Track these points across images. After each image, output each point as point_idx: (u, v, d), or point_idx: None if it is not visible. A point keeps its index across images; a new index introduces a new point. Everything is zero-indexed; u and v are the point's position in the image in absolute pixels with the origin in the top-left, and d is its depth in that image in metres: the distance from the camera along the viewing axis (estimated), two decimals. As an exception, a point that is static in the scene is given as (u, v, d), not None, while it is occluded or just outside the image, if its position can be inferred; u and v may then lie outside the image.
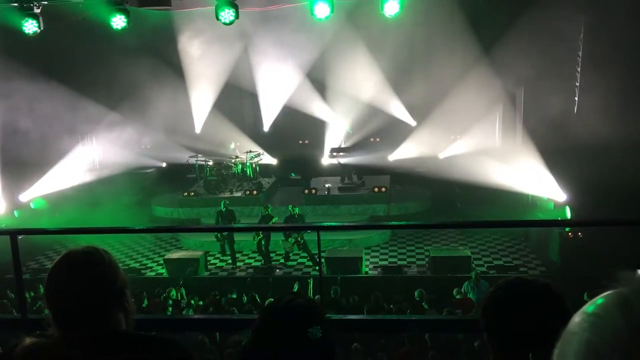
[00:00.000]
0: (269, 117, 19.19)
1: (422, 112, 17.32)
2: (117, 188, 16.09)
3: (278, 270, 13.77)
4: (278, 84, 18.11)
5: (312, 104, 18.33)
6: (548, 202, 14.55)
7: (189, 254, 14.11)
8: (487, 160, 15.00)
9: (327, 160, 18.38)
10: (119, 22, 10.20)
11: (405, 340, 7.85)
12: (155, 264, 14.57)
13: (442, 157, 17.25)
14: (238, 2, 10.20)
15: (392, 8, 10.10)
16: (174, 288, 11.57)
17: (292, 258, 14.21)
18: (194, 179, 17.94)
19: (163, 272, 13.93)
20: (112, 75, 16.05)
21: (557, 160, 13.91)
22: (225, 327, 4.62)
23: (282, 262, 14.16)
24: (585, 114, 13.77)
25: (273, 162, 18.68)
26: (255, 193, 16.51)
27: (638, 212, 11.41)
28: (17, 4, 9.98)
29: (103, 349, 1.84)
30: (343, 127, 18.57)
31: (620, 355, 0.78)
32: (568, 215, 13.81)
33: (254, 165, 17.54)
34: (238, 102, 19.44)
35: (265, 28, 16.33)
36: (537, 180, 14.54)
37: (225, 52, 17.37)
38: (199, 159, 17.62)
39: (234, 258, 14.25)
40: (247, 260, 14.53)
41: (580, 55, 14.60)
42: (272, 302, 1.78)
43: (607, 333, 0.81)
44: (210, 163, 17.45)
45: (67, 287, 1.88)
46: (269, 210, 14.08)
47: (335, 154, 18.13)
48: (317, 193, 16.47)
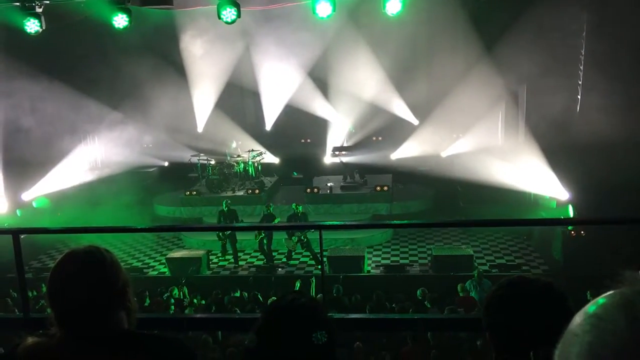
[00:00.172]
0: (271, 116, 19.19)
1: (424, 110, 17.29)
2: (119, 187, 16.11)
3: (280, 269, 13.77)
4: (280, 83, 18.10)
5: (314, 103, 18.32)
6: (551, 200, 14.53)
7: (191, 253, 14.13)
8: (489, 159, 14.98)
9: (329, 159, 18.39)
10: (121, 21, 10.20)
11: (408, 339, 7.84)
12: (158, 263, 14.58)
13: (444, 155, 17.24)
14: (240, 1, 10.18)
15: (394, 6, 10.07)
16: (177, 287, 11.58)
17: (294, 257, 14.22)
18: (196, 178, 17.94)
19: (165, 271, 13.94)
20: (114, 74, 16.05)
21: (559, 159, 13.89)
22: (228, 326, 4.62)
23: (284, 260, 14.17)
24: (588, 113, 13.74)
25: (275, 161, 18.68)
26: (258, 192, 16.51)
27: (641, 210, 11.39)
28: (19, 3, 9.98)
29: (105, 349, 1.84)
30: (345, 126, 18.57)
31: (622, 358, 0.78)
32: (571, 214, 13.78)
33: (256, 164, 17.55)
34: (240, 101, 19.45)
35: (267, 27, 16.32)
36: (539, 179, 14.51)
37: (227, 51, 17.37)
38: (201, 158, 17.63)
39: (236, 257, 14.26)
40: (249, 259, 14.53)
41: (583, 54, 14.57)
42: (274, 301, 1.77)
43: (608, 335, 0.80)
44: (213, 162, 17.46)
45: (69, 286, 1.88)
46: (271, 209, 14.08)
47: (338, 153, 18.15)
48: (319, 192, 16.46)
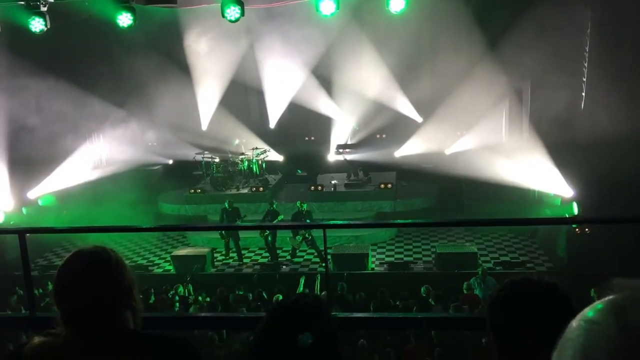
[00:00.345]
0: (275, 113, 19.18)
1: (428, 108, 17.26)
2: (123, 185, 16.16)
3: (285, 267, 13.80)
4: (284, 81, 18.09)
5: (318, 101, 18.31)
6: (555, 197, 14.50)
7: (196, 251, 14.18)
8: (493, 156, 14.96)
9: (333, 157, 18.39)
10: (125, 20, 10.20)
11: (411, 337, 7.86)
12: (163, 261, 14.63)
13: (448, 153, 17.21)
14: (243, -1, 10.17)
15: (397, 4, 10.05)
16: (182, 284, 11.62)
17: (298, 254, 14.25)
18: (201, 176, 17.98)
19: (170, 268, 13.99)
20: (118, 73, 16.11)
21: (563, 156, 13.85)
22: (233, 325, 4.64)
23: (288, 258, 14.19)
24: (592, 110, 13.71)
25: (279, 158, 18.69)
26: (262, 190, 16.54)
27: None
28: (23, 2, 10.00)
29: (111, 348, 1.86)
30: (349, 123, 18.56)
31: None
32: (575, 211, 13.75)
33: (260, 162, 17.57)
34: (244, 99, 19.45)
35: (271, 25, 16.32)
36: (543, 176, 14.48)
37: (231, 48, 17.38)
38: (206, 156, 17.66)
39: (240, 255, 14.29)
40: (253, 257, 14.57)
41: (587, 51, 14.52)
42: (279, 300, 1.79)
43: (600, 340, 0.82)
44: (217, 160, 17.49)
45: (75, 286, 1.89)
46: (274, 207, 14.13)
47: (342, 151, 18.14)
48: (323, 189, 16.47)
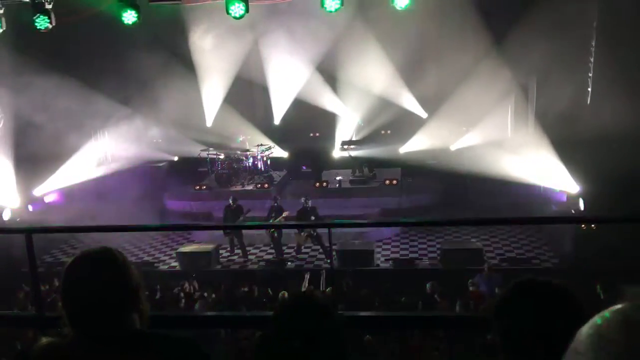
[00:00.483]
0: (280, 110, 19.17)
1: (433, 104, 17.21)
2: (128, 182, 16.20)
3: (290, 263, 13.82)
4: (289, 77, 18.07)
5: (322, 97, 18.28)
6: (561, 193, 14.44)
7: (201, 248, 14.22)
8: (498, 152, 14.92)
9: (338, 153, 18.37)
10: (130, 17, 10.20)
11: (416, 332, 7.86)
12: (168, 257, 14.68)
13: (453, 149, 17.16)
14: (248, -5, 10.15)
15: (402, 0, 10.03)
16: (187, 281, 11.67)
17: (303, 251, 14.26)
18: (206, 173, 18.01)
19: (176, 265, 14.04)
20: (123, 70, 16.09)
21: (569, 152, 13.80)
22: (238, 323, 4.64)
23: (293, 255, 14.20)
24: (598, 105, 13.64)
25: (284, 155, 18.69)
26: (267, 186, 16.55)
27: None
28: (28, 0, 10.03)
29: (118, 349, 1.87)
30: (354, 119, 18.53)
31: None
32: (581, 207, 13.71)
33: (265, 159, 17.58)
34: (249, 95, 19.45)
35: (276, 21, 16.30)
36: (549, 172, 14.43)
37: (236, 45, 17.36)
38: (211, 153, 17.69)
39: (245, 251, 14.31)
40: (258, 253, 14.59)
41: (593, 45, 14.43)
42: (286, 299, 1.79)
43: (608, 352, 0.81)
44: (222, 156, 17.51)
45: (81, 287, 1.90)
46: (277, 202, 14.16)
47: (347, 147, 18.13)
48: (328, 186, 16.48)
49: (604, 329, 0.84)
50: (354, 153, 17.82)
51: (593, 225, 12.42)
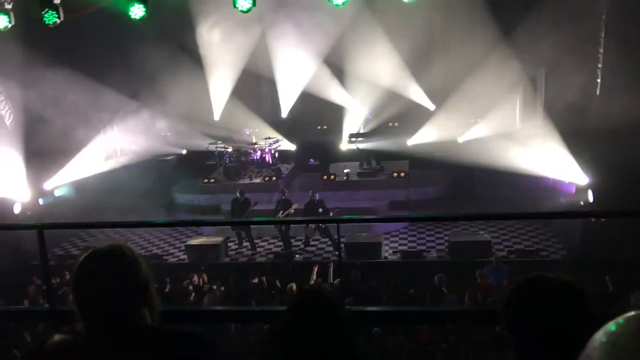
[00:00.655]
0: (287, 103, 19.15)
1: (441, 96, 17.12)
2: (137, 175, 16.28)
3: (298, 256, 13.86)
4: (296, 70, 18.03)
5: (330, 90, 18.23)
6: (570, 185, 14.37)
7: (210, 240, 14.28)
8: (507, 144, 14.84)
9: (345, 146, 18.35)
10: (138, 11, 10.22)
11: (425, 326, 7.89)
12: (177, 250, 14.76)
13: (461, 141, 17.09)
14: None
15: (410, -9, 9.97)
16: (196, 274, 11.73)
17: (311, 243, 14.29)
18: (214, 166, 18.05)
19: (185, 257, 14.11)
20: (131, 64, 16.12)
21: (578, 143, 13.72)
22: (247, 318, 4.68)
23: (301, 247, 14.24)
24: (607, 96, 13.55)
25: (291, 148, 18.69)
26: (274, 179, 16.58)
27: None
28: (37, -5, 10.06)
29: (129, 345, 1.89)
30: (361, 112, 18.48)
31: None
32: (590, 199, 13.64)
33: (273, 152, 17.59)
34: (256, 88, 19.45)
35: (283, 13, 16.27)
36: (558, 164, 14.36)
37: (243, 38, 17.34)
38: (219, 146, 17.72)
39: (253, 244, 14.37)
40: (266, 246, 14.64)
41: (603, 37, 14.31)
42: (295, 297, 1.80)
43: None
44: (230, 150, 17.54)
45: (92, 284, 1.93)
46: (285, 195, 14.18)
47: (354, 140, 18.10)
48: (335, 178, 16.48)
49: (618, 337, 0.83)
50: (362, 146, 17.79)
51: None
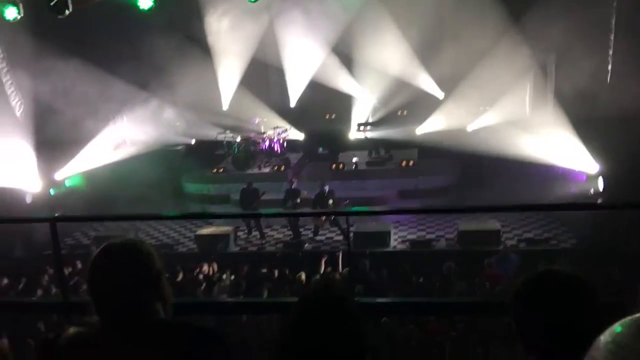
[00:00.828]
0: (296, 92, 19.10)
1: (450, 84, 16.99)
2: (147, 165, 16.35)
3: (307, 245, 13.90)
4: (304, 59, 17.97)
5: (338, 78, 18.15)
6: (580, 173, 14.30)
7: (220, 230, 14.34)
8: (516, 132, 14.76)
9: (354, 135, 18.31)
10: (146, 1, 10.25)
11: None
12: (187, 240, 14.84)
13: (470, 129, 16.99)
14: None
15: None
16: (206, 263, 11.81)
17: (320, 232, 14.33)
18: (223, 155, 18.09)
19: (194, 247, 14.20)
20: (140, 54, 16.14)
21: (589, 130, 13.63)
22: (257, 309, 4.72)
23: (311, 236, 14.28)
24: (618, 83, 13.44)
25: (300, 137, 18.68)
26: (283, 169, 16.60)
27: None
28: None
29: (142, 338, 1.92)
30: (370, 101, 18.41)
31: None
32: (600, 187, 13.58)
33: (281, 141, 17.59)
34: (264, 77, 19.40)
35: (291, 1, 16.20)
36: (568, 151, 14.27)
37: (251, 26, 17.30)
38: (227, 136, 17.75)
39: (262, 233, 14.43)
40: (276, 235, 14.70)
41: (614, 23, 14.16)
42: (305, 293, 1.82)
43: None
44: (238, 139, 17.57)
45: (106, 278, 1.97)
46: (294, 184, 14.20)
47: (363, 128, 18.05)
48: (344, 168, 16.47)
49: (624, 338, 0.83)
50: (370, 134, 17.75)
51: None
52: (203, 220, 15.89)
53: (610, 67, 14.47)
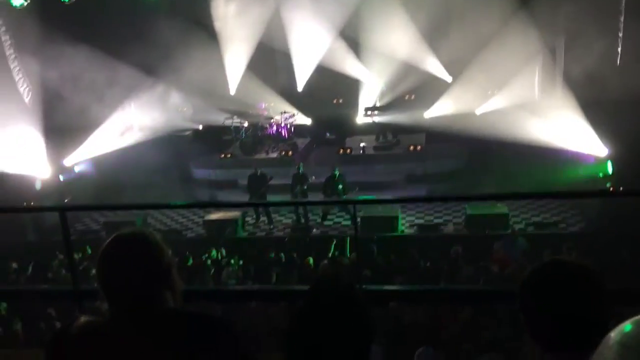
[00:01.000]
0: (303, 76, 19.03)
1: (458, 67, 16.86)
2: (154, 151, 16.38)
3: (315, 230, 13.94)
4: (311, 43, 17.88)
5: (346, 63, 18.06)
6: (589, 156, 14.21)
7: (228, 215, 14.38)
8: (525, 116, 14.66)
9: (362, 119, 18.26)
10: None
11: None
12: (196, 225, 14.91)
13: (478, 113, 16.89)
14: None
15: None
16: (215, 248, 11.88)
17: (328, 217, 14.36)
18: (230, 141, 18.10)
19: (203, 232, 14.26)
20: (147, 40, 16.10)
21: (598, 113, 13.52)
22: (265, 297, 4.75)
23: (319, 222, 14.32)
24: (629, 66, 13.29)
25: (307, 122, 18.65)
26: (291, 154, 16.60)
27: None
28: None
29: (152, 328, 1.94)
30: (377, 85, 18.32)
31: None
32: (609, 171, 13.50)
33: (289, 126, 17.57)
34: (271, 62, 19.32)
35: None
36: (577, 135, 14.18)
37: (258, 10, 17.22)
38: (235, 121, 17.74)
39: (270, 218, 14.48)
40: (284, 221, 14.74)
41: (624, 4, 13.97)
42: (312, 287, 1.83)
43: None
44: (246, 124, 17.56)
45: (115, 268, 1.98)
46: (300, 170, 14.20)
47: (370, 113, 17.98)
48: (352, 152, 16.44)
49: (632, 339, 0.83)
50: (378, 119, 17.69)
51: (622, 188, 12.25)
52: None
53: (620, 49, 14.30)
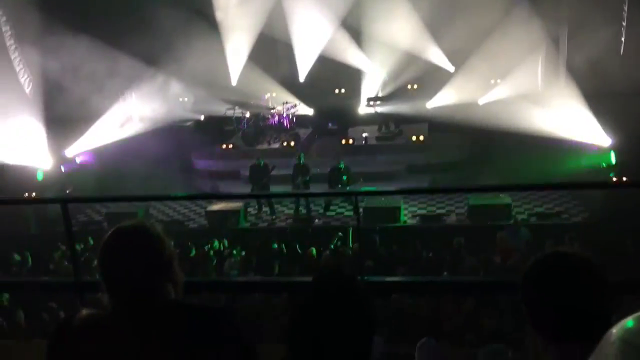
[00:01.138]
0: (305, 66, 18.95)
1: (461, 57, 16.78)
2: (156, 141, 16.36)
3: (317, 220, 13.93)
4: (313, 33, 17.79)
5: (348, 53, 17.97)
6: (592, 147, 14.16)
7: (230, 206, 14.37)
8: (528, 105, 14.61)
9: (364, 110, 18.20)
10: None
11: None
12: (198, 216, 14.91)
13: (481, 103, 16.83)
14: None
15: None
16: (217, 239, 11.88)
17: (331, 208, 14.35)
18: (232, 131, 18.07)
19: (205, 223, 14.27)
20: (148, 30, 16.04)
21: (601, 103, 13.47)
22: (268, 288, 4.75)
23: (321, 212, 14.31)
24: (632, 55, 13.24)
25: (309, 112, 18.59)
26: (293, 144, 16.56)
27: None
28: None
29: (154, 321, 1.93)
30: (380, 75, 18.23)
31: None
32: (612, 161, 13.47)
33: (291, 116, 17.53)
34: (273, 52, 19.23)
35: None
36: (580, 125, 14.13)
37: (259, 1, 17.15)
38: (236, 111, 17.70)
39: (273, 209, 14.47)
40: (286, 211, 14.73)
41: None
42: (316, 281, 1.81)
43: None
44: (247, 115, 17.51)
45: (117, 261, 1.97)
46: (302, 160, 14.16)
47: (372, 103, 17.93)
48: (354, 143, 16.40)
49: (634, 335, 0.83)
50: (380, 109, 17.63)
51: (625, 178, 12.23)
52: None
53: (624, 38, 14.23)
